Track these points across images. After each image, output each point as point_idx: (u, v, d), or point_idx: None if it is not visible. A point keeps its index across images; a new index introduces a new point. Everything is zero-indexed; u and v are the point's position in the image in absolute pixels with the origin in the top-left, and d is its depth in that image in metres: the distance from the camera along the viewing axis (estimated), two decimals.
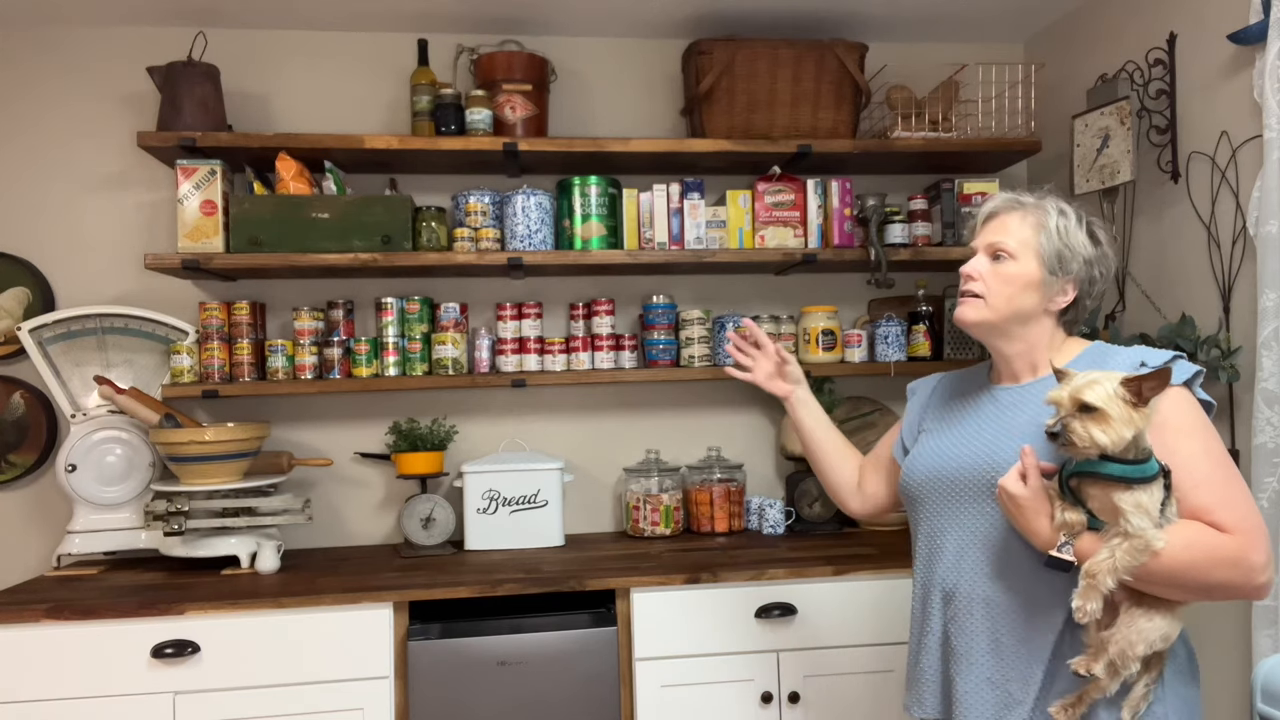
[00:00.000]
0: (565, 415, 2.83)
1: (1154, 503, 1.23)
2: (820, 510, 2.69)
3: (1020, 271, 1.45)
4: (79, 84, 2.63)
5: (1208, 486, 1.28)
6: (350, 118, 2.72)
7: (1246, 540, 1.25)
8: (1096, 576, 1.23)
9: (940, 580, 1.49)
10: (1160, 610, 1.29)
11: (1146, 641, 1.27)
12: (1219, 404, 2.11)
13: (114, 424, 2.48)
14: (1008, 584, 1.40)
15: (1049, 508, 1.30)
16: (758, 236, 2.62)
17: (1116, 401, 1.22)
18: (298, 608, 2.08)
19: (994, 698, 1.41)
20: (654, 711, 2.17)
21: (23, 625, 2.01)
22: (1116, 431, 1.21)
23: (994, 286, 1.46)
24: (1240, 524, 1.26)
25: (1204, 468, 1.29)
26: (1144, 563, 1.23)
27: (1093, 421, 1.22)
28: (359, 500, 2.74)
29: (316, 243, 2.41)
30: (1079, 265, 1.45)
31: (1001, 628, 1.41)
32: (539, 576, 2.19)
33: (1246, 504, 1.29)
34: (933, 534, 1.52)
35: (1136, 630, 1.27)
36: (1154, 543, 1.22)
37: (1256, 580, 1.26)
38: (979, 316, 1.47)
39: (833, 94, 2.62)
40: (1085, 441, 1.23)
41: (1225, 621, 2.09)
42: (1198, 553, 1.24)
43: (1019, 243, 1.45)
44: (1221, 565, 1.25)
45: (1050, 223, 1.45)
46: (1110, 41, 2.53)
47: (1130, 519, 1.22)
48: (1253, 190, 2.01)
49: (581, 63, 2.82)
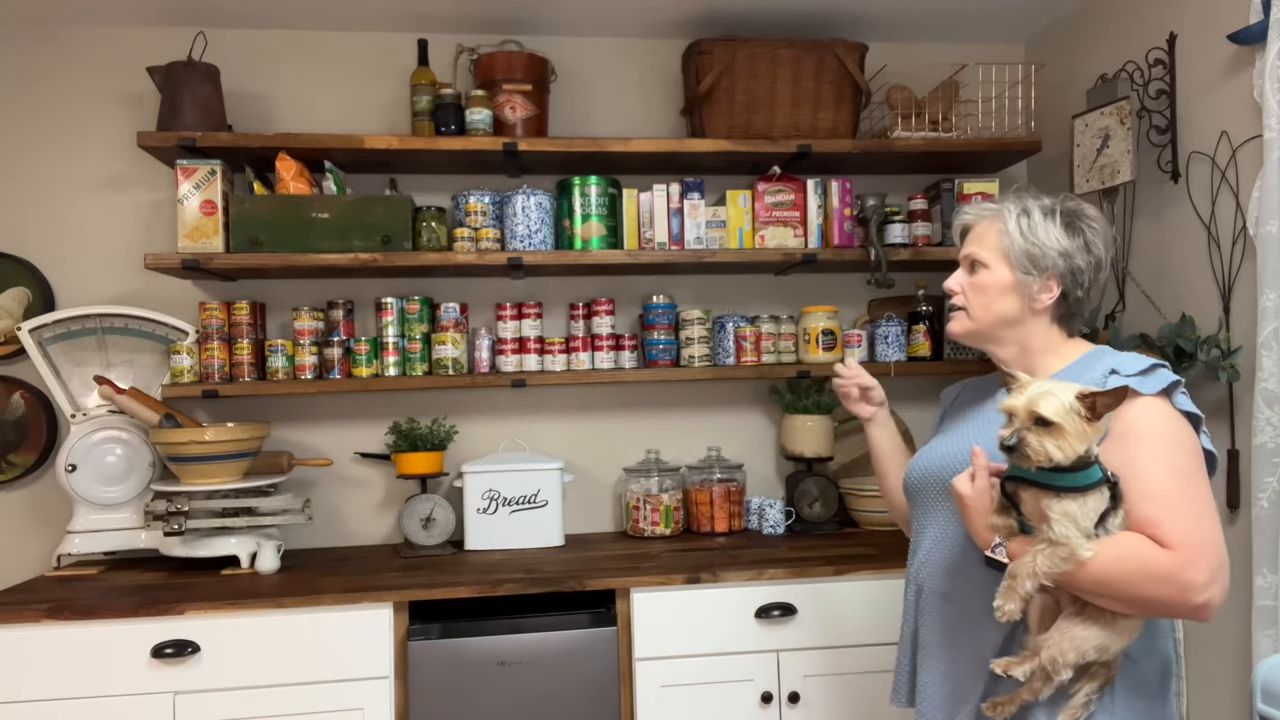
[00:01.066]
0: (565, 415, 2.83)
1: (1085, 512, 1.22)
2: (820, 510, 2.69)
3: (993, 279, 1.46)
4: (79, 84, 2.63)
5: (1158, 500, 1.25)
6: (350, 118, 2.72)
7: (1185, 558, 1.21)
8: (1016, 579, 1.24)
9: (914, 575, 1.54)
10: (1100, 621, 1.27)
11: (1078, 650, 1.26)
12: (1219, 404, 2.12)
13: (114, 424, 2.48)
14: (964, 582, 1.42)
15: (990, 508, 1.32)
16: (758, 236, 2.62)
17: (1072, 416, 1.20)
18: (298, 608, 2.08)
19: (947, 692, 1.44)
20: (654, 711, 2.17)
21: (23, 625, 2.01)
22: (1071, 446, 1.20)
23: (971, 298, 1.49)
24: (1183, 540, 1.22)
25: (1158, 480, 1.26)
26: (1067, 570, 1.22)
27: (1048, 435, 1.21)
28: (359, 500, 2.74)
29: (316, 243, 2.41)
30: (1053, 260, 1.44)
31: (957, 624, 1.44)
32: (539, 576, 2.19)
33: (1196, 520, 1.25)
34: (917, 530, 1.56)
35: (1069, 639, 1.27)
36: (1079, 551, 1.21)
37: (1193, 600, 1.21)
38: (962, 328, 1.51)
39: (833, 94, 2.62)
40: (1040, 456, 1.21)
41: (1225, 621, 2.09)
42: (1129, 565, 1.22)
43: (989, 250, 1.47)
44: (1153, 581, 1.22)
45: (1010, 224, 1.45)
46: (1110, 41, 2.53)
47: (1054, 526, 1.21)
48: (1253, 190, 2.01)
49: (581, 63, 2.82)
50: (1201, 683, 2.18)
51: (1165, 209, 2.32)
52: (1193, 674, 2.19)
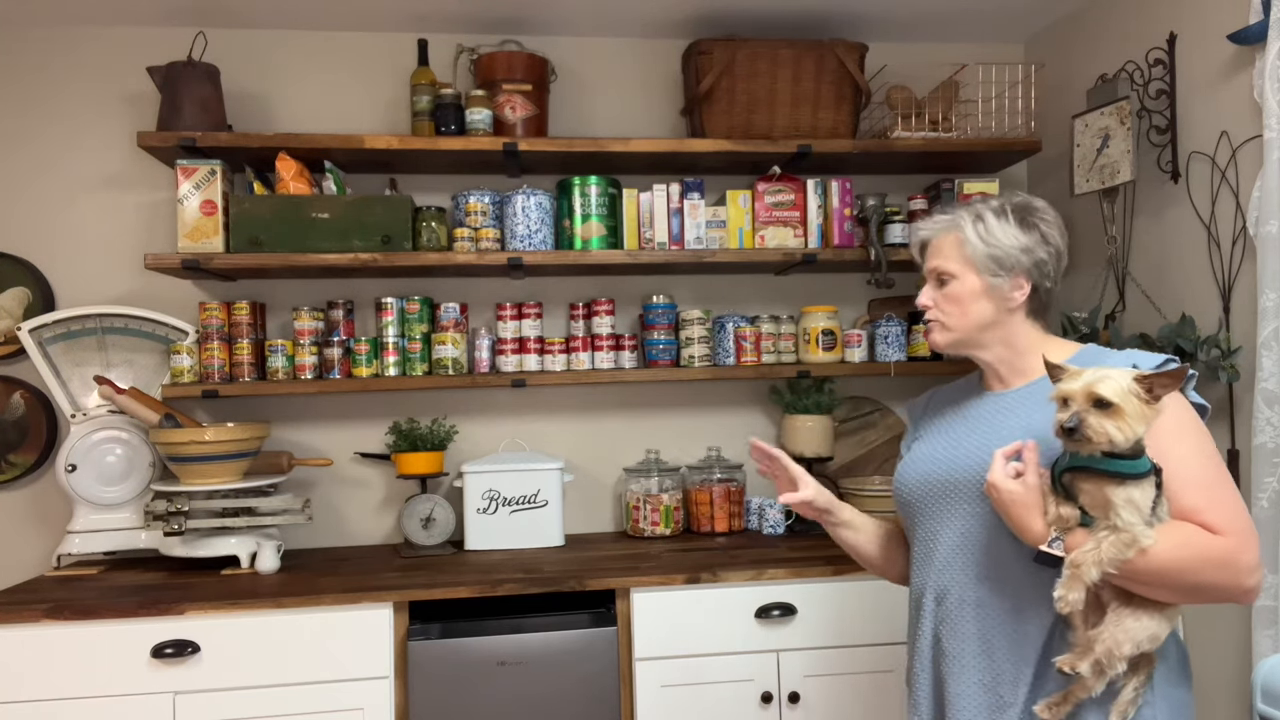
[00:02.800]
0: (565, 415, 2.83)
1: (1145, 499, 1.23)
2: None
3: (963, 289, 1.48)
4: (79, 84, 2.63)
5: (1199, 488, 1.29)
6: (350, 118, 2.72)
7: (1237, 542, 1.25)
8: (1081, 566, 1.23)
9: (933, 583, 1.49)
10: (1148, 611, 1.28)
11: (1134, 641, 1.27)
12: (1219, 404, 2.12)
13: (114, 424, 2.48)
14: (997, 586, 1.41)
15: (1041, 503, 1.31)
16: (758, 236, 2.62)
17: (1131, 397, 1.22)
18: (298, 608, 2.08)
19: (985, 700, 1.41)
20: (654, 711, 2.17)
21: (23, 625, 2.01)
22: (1131, 428, 1.21)
23: (946, 309, 1.51)
24: (1231, 525, 1.26)
25: (1195, 469, 1.30)
26: (1129, 557, 1.22)
27: (1108, 417, 1.22)
28: (359, 500, 2.74)
29: (316, 243, 2.41)
30: (1016, 258, 1.47)
31: (991, 629, 1.41)
32: (539, 576, 2.19)
33: (1237, 506, 1.29)
34: (926, 538, 1.52)
35: (1124, 630, 1.27)
36: (1141, 539, 1.22)
37: (1245, 583, 1.26)
38: (944, 339, 1.53)
39: (833, 94, 2.62)
40: (1101, 438, 1.22)
41: (1225, 621, 2.09)
42: (1189, 553, 1.24)
43: (953, 261, 1.50)
44: (1212, 566, 1.25)
45: (968, 232, 1.48)
46: (1110, 41, 2.53)
47: (1121, 513, 1.22)
48: (1253, 190, 2.01)
49: (581, 63, 2.82)
50: (1201, 683, 2.18)
51: (1165, 209, 2.32)
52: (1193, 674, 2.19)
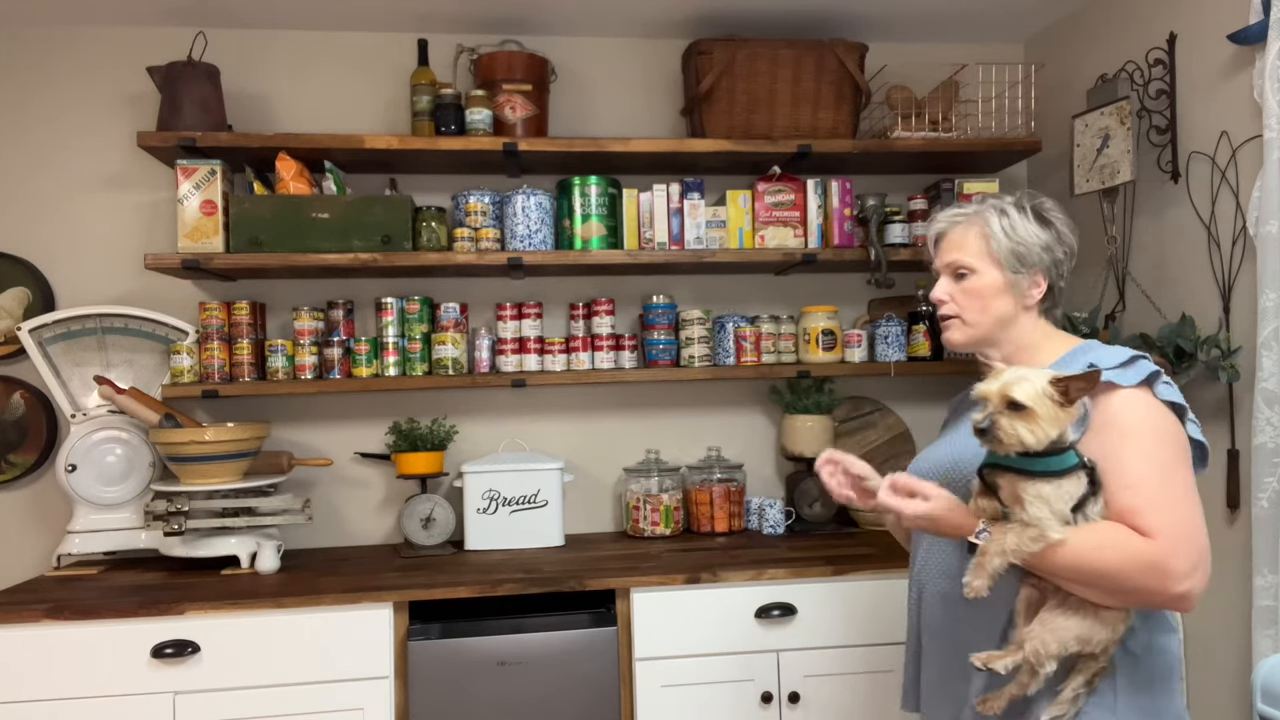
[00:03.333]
0: (565, 415, 2.83)
1: (1060, 495, 1.23)
2: (820, 510, 2.69)
3: (985, 283, 1.47)
4: (79, 84, 2.63)
5: (1137, 489, 1.26)
6: (350, 118, 2.72)
7: (1167, 547, 1.22)
8: (985, 555, 1.25)
9: (915, 577, 1.54)
10: (1081, 612, 1.27)
11: (1060, 641, 1.26)
12: (1219, 404, 2.12)
13: (114, 424, 2.48)
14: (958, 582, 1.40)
15: (959, 503, 1.32)
16: (758, 236, 2.62)
17: (1044, 400, 1.22)
18: (298, 608, 2.08)
19: (948, 692, 1.45)
20: (654, 711, 2.17)
21: (23, 625, 2.01)
22: (1043, 430, 1.22)
23: (965, 304, 1.49)
24: (1165, 529, 1.23)
25: (1139, 470, 1.27)
26: (1035, 550, 1.23)
27: (1020, 419, 1.22)
28: (359, 500, 2.74)
29: (316, 243, 2.41)
30: (1038, 255, 1.46)
31: (955, 624, 1.44)
32: (539, 576, 2.19)
33: (1178, 510, 1.25)
34: (916, 535, 1.56)
35: (1051, 629, 1.27)
36: (1048, 532, 1.22)
37: (1174, 589, 1.22)
38: (963, 337, 1.50)
39: (833, 94, 2.62)
40: (1012, 440, 1.23)
41: (1225, 621, 2.09)
42: (1110, 553, 1.23)
43: (973, 255, 1.47)
44: (1136, 569, 1.22)
45: (994, 226, 1.46)
46: (1110, 41, 2.53)
47: (1028, 507, 1.23)
48: (1253, 190, 2.01)
49: (581, 63, 2.82)
50: (1201, 683, 2.18)
51: (1165, 209, 2.32)
52: (1193, 674, 2.19)
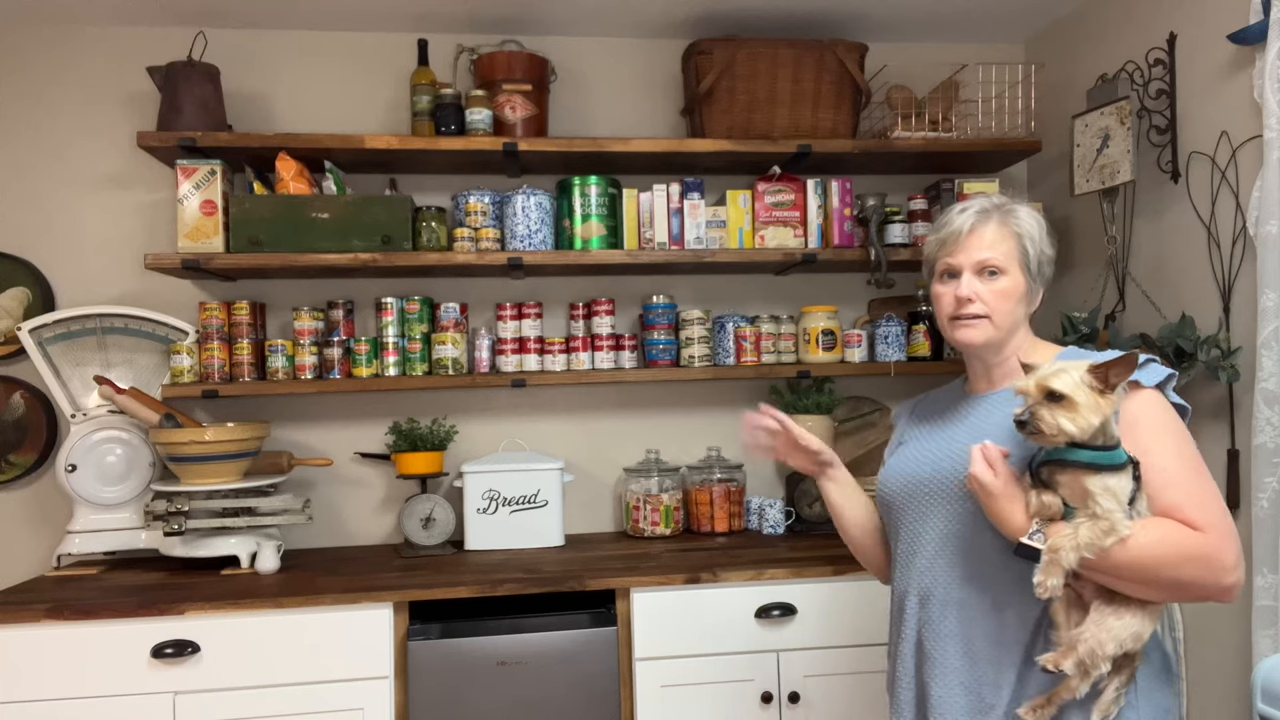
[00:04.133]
0: (565, 415, 2.83)
1: (1123, 489, 1.24)
2: (820, 510, 2.69)
3: (1013, 285, 1.44)
4: (79, 84, 2.63)
5: (1179, 485, 1.29)
6: (350, 118, 2.72)
7: (1217, 539, 1.25)
8: (1059, 551, 1.23)
9: (916, 583, 1.48)
10: (1131, 609, 1.28)
11: (1116, 640, 1.27)
12: (1219, 404, 2.12)
13: (114, 424, 2.48)
14: (980, 586, 1.40)
15: (1022, 495, 1.30)
16: (758, 236, 2.62)
17: (1083, 388, 1.22)
18: (298, 608, 2.08)
19: (967, 703, 1.40)
20: (654, 711, 2.17)
21: (23, 625, 2.01)
22: (1084, 418, 1.22)
23: (995, 304, 1.43)
24: (1211, 523, 1.26)
25: (1175, 466, 1.30)
26: (1107, 545, 1.22)
27: (1060, 409, 1.23)
28: (359, 500, 2.74)
29: (316, 243, 2.41)
30: (1048, 267, 1.49)
31: (974, 631, 1.40)
32: (539, 576, 2.19)
33: (1217, 504, 1.29)
34: (910, 538, 1.50)
35: (1106, 629, 1.27)
36: (1119, 526, 1.22)
37: (1224, 580, 1.25)
38: (986, 338, 1.44)
39: (833, 94, 2.62)
40: (1053, 429, 1.23)
41: (1225, 621, 2.09)
42: (1168, 548, 1.24)
43: (1005, 255, 1.43)
44: (1192, 562, 1.24)
45: (1032, 231, 1.46)
46: (1110, 41, 2.53)
47: (1099, 500, 1.23)
48: (1253, 190, 2.01)
49: (581, 63, 2.82)
50: (1201, 683, 2.18)
51: (1165, 209, 2.32)
52: (1193, 674, 2.19)
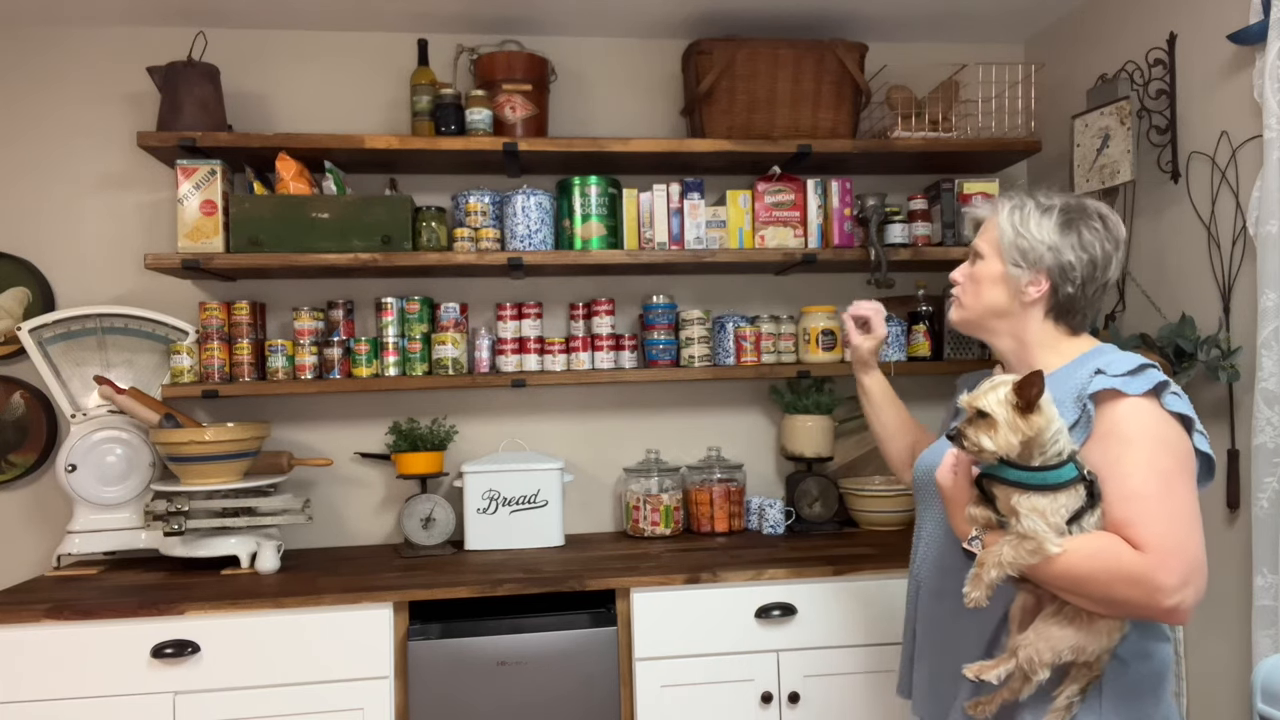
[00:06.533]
0: (565, 415, 2.83)
1: (1055, 508, 1.23)
2: (820, 510, 2.69)
3: (985, 270, 1.49)
4: (79, 84, 2.63)
5: (1134, 501, 1.25)
6: (350, 118, 2.72)
7: (1156, 560, 1.21)
8: (983, 566, 1.26)
9: (915, 572, 1.58)
10: (1077, 622, 1.27)
11: (1054, 650, 1.27)
12: (1219, 404, 2.12)
13: (114, 424, 2.48)
14: (953, 579, 1.41)
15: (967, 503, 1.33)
16: (758, 236, 2.62)
17: (1005, 407, 1.23)
18: (298, 608, 2.08)
19: (936, 690, 1.47)
20: (654, 711, 2.17)
21: (23, 625, 2.01)
22: (1003, 437, 1.23)
23: (966, 286, 1.53)
24: (1155, 542, 1.22)
25: (1137, 481, 1.26)
26: (1033, 563, 1.23)
27: (983, 427, 1.24)
28: (359, 500, 2.74)
29: (316, 243, 2.41)
30: (1041, 254, 1.43)
31: (946, 622, 1.46)
32: (539, 576, 2.19)
33: (1172, 522, 1.24)
34: (918, 526, 1.60)
35: (1045, 637, 1.28)
36: (1046, 545, 1.22)
37: (1162, 603, 1.21)
38: (955, 316, 1.56)
39: (833, 94, 2.62)
40: (973, 446, 1.25)
41: (1225, 621, 2.09)
42: (1097, 564, 1.23)
43: (987, 243, 1.50)
44: (1122, 582, 1.22)
45: (1002, 218, 1.48)
46: (1110, 41, 2.53)
47: (1023, 520, 1.23)
48: (1253, 190, 2.01)
49: (581, 63, 2.82)
50: (1201, 683, 2.18)
51: (1165, 209, 2.32)
52: (1193, 674, 2.19)
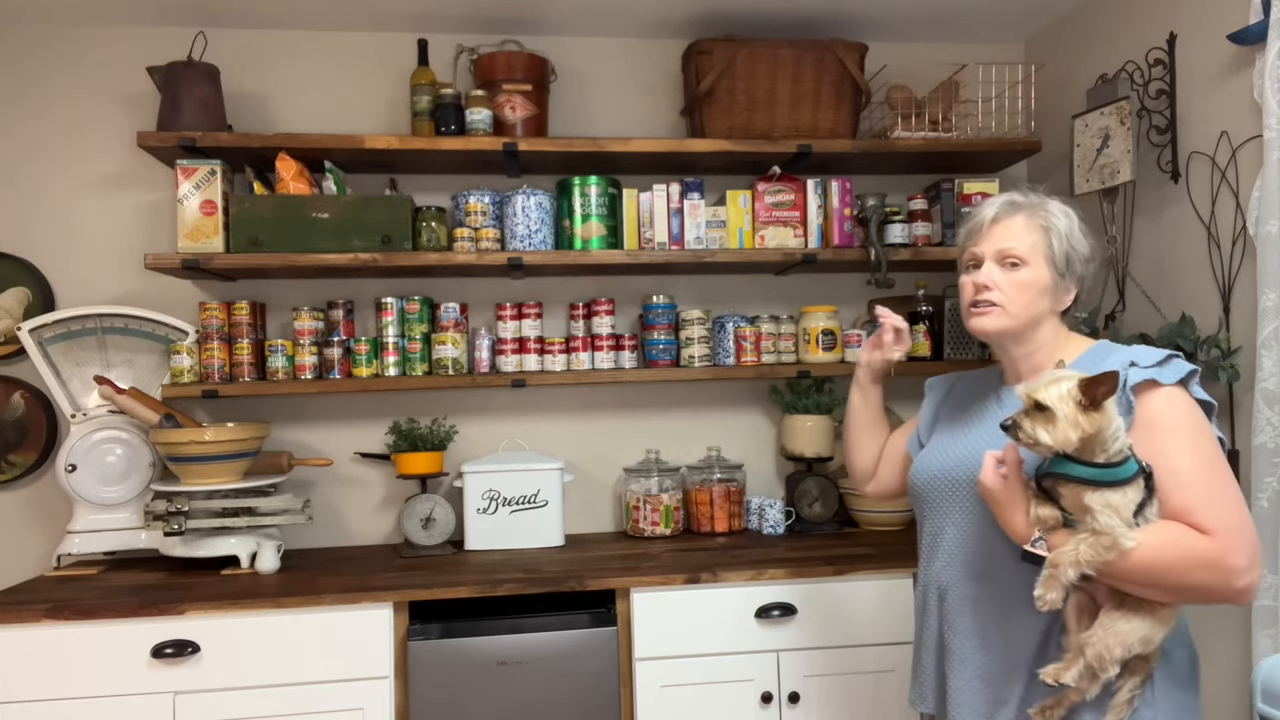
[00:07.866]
0: (565, 415, 2.83)
1: (1126, 502, 1.23)
2: (820, 510, 2.69)
3: (1034, 277, 1.45)
4: (79, 84, 2.63)
5: (1191, 487, 1.27)
6: (350, 118, 2.72)
7: (1226, 542, 1.24)
8: (1059, 567, 1.24)
9: (936, 579, 1.52)
10: (1141, 613, 1.28)
11: (1124, 644, 1.27)
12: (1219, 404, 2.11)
13: (114, 424, 2.48)
14: (995, 584, 1.42)
15: (1025, 503, 1.31)
16: (758, 236, 2.62)
17: (1067, 402, 1.22)
18: (298, 608, 2.08)
19: (984, 695, 1.43)
20: (654, 711, 2.17)
21: (23, 625, 2.01)
22: (1061, 432, 1.22)
23: (1011, 295, 1.45)
24: (1221, 525, 1.24)
25: (1189, 468, 1.28)
26: (1110, 559, 1.23)
27: (1041, 420, 1.24)
28: (359, 500, 2.74)
29: (316, 243, 2.41)
30: (1081, 265, 1.48)
31: (989, 627, 1.43)
32: (539, 576, 2.19)
33: (1230, 505, 1.27)
34: (934, 532, 1.54)
35: (1114, 633, 1.27)
36: (1122, 541, 1.22)
37: (1235, 584, 1.24)
38: (1000, 325, 1.46)
39: (833, 94, 2.62)
40: (1029, 439, 1.25)
41: (1225, 621, 2.09)
42: (1172, 553, 1.23)
43: (1028, 248, 1.45)
44: (1198, 567, 1.23)
45: (1060, 226, 1.46)
46: (1110, 41, 2.53)
47: (1098, 517, 1.23)
48: (1253, 190, 2.01)
49: (581, 63, 2.82)
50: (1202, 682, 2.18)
51: (1165, 209, 2.32)
52: None
